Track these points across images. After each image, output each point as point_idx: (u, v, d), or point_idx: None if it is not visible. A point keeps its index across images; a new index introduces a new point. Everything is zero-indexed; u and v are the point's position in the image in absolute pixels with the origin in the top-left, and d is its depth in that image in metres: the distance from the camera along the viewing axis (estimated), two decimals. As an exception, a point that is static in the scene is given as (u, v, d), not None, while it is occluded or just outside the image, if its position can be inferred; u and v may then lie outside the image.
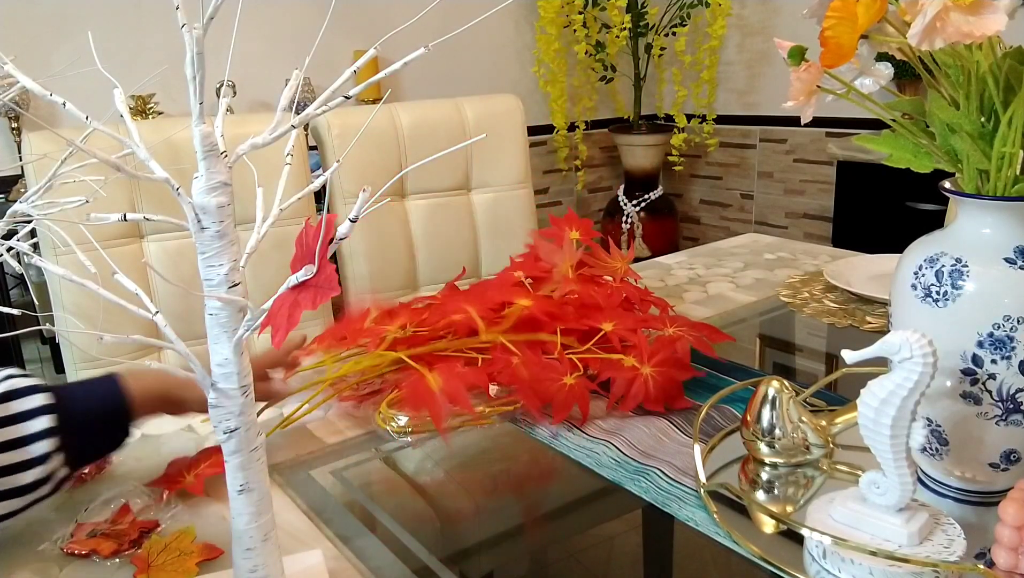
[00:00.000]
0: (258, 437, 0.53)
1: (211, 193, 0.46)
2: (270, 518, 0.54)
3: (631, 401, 0.85)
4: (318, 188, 0.49)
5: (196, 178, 0.46)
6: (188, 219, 0.46)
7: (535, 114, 3.31)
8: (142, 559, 0.64)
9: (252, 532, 0.53)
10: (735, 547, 0.64)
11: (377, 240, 1.49)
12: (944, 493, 0.68)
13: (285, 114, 0.48)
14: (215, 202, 0.46)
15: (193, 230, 0.47)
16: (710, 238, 3.53)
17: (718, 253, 1.55)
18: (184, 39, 0.43)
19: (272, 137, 0.46)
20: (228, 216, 0.47)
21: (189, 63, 0.43)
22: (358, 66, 0.46)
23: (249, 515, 0.53)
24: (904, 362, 0.56)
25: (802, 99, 0.63)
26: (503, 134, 1.60)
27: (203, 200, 0.46)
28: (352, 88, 0.46)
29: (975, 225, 0.63)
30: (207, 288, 0.48)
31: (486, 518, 0.74)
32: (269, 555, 0.54)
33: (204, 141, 0.45)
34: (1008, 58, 0.57)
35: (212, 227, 0.46)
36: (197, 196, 0.46)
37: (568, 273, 1.03)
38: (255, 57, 2.66)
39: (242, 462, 0.52)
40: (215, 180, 0.46)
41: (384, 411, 0.88)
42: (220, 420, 0.51)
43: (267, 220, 0.48)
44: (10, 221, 0.52)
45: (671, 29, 3.22)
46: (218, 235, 0.47)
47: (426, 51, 0.43)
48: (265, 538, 0.54)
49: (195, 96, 0.44)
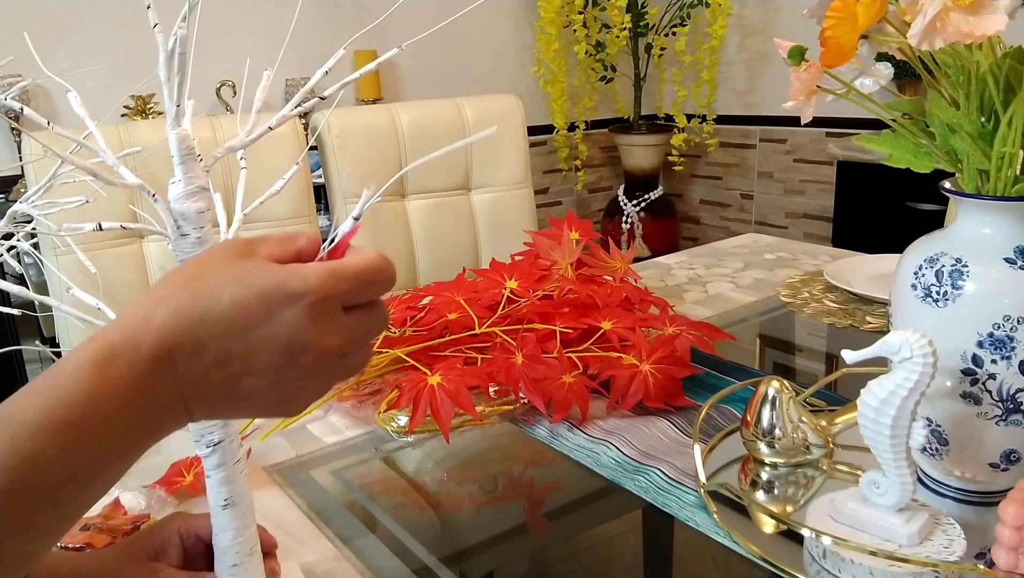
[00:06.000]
0: (240, 448, 0.51)
1: (190, 199, 0.44)
2: (254, 531, 0.52)
3: (631, 399, 0.85)
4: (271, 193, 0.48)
5: (172, 183, 0.44)
6: (167, 225, 0.44)
7: (535, 114, 3.31)
8: None
9: (238, 547, 0.51)
10: (735, 547, 0.64)
11: (377, 240, 1.49)
12: (944, 493, 0.68)
13: (260, 116, 0.46)
14: (194, 208, 0.44)
15: (172, 237, 0.45)
16: (710, 238, 3.52)
17: (718, 253, 1.55)
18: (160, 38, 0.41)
19: (249, 139, 0.45)
20: (208, 221, 0.45)
21: (163, 64, 0.42)
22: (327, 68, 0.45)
23: (234, 530, 0.51)
24: (904, 362, 0.56)
25: (802, 99, 0.63)
26: (503, 134, 1.60)
27: (181, 206, 0.44)
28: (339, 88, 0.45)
29: (975, 225, 0.63)
30: None
31: (486, 518, 0.74)
32: (256, 569, 0.53)
33: (181, 145, 0.44)
34: (1008, 58, 0.57)
35: (192, 233, 0.45)
36: (175, 202, 0.44)
37: (567, 272, 1.03)
38: (255, 57, 2.66)
39: (226, 476, 0.50)
40: (193, 185, 0.44)
41: (383, 411, 0.88)
42: (203, 433, 0.49)
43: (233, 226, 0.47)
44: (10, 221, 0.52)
45: (671, 29, 3.22)
46: (199, 241, 0.45)
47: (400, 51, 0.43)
48: (251, 552, 0.52)
49: (170, 98, 0.42)
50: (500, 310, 0.97)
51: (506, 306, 0.97)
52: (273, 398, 0.40)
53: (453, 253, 1.57)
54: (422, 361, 0.89)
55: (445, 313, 0.96)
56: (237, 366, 0.38)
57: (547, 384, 0.85)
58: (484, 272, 1.04)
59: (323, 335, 0.38)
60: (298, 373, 0.39)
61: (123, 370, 0.36)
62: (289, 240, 0.41)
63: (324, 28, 2.76)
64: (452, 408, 0.81)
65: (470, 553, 0.69)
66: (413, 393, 0.82)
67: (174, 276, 0.39)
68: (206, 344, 0.37)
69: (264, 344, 0.37)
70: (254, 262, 0.39)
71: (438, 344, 0.94)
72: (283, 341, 0.38)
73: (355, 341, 0.41)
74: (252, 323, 0.37)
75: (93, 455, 0.36)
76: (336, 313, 0.39)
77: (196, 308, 0.37)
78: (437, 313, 0.97)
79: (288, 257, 0.40)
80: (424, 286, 1.08)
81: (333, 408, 0.93)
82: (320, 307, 0.38)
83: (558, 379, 0.85)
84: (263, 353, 0.38)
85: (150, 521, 0.68)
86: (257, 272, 0.38)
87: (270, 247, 0.40)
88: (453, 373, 0.84)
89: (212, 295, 0.37)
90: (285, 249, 0.41)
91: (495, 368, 0.87)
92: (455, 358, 0.89)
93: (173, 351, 0.37)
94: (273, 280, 0.37)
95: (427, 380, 0.83)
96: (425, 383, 0.83)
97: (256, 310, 0.37)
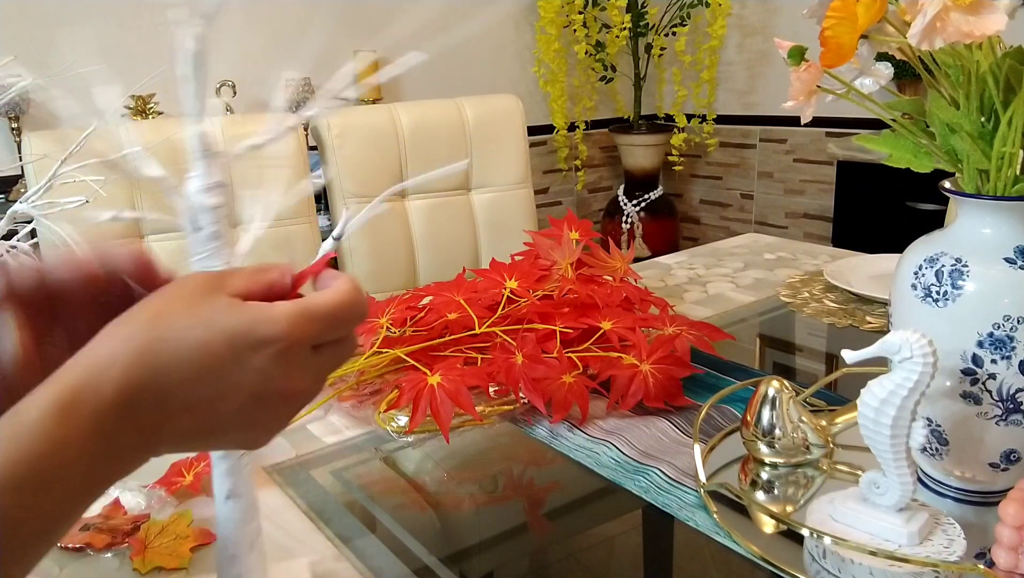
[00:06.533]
0: None
1: (206, 193, 0.46)
2: (256, 526, 0.53)
3: (631, 399, 0.85)
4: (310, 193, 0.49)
5: (191, 178, 0.46)
6: (183, 219, 0.46)
7: (535, 114, 3.31)
8: (139, 541, 0.65)
9: (237, 539, 0.52)
10: (735, 547, 0.64)
11: (377, 240, 1.49)
12: (944, 493, 0.68)
13: (282, 115, 0.47)
14: (210, 203, 0.46)
15: (188, 230, 0.46)
16: (710, 238, 3.52)
17: (718, 253, 1.55)
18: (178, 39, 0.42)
19: (270, 139, 0.46)
20: (223, 217, 0.46)
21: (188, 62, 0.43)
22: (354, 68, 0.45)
23: (235, 522, 0.51)
24: (904, 362, 0.56)
25: (802, 99, 0.63)
26: (503, 134, 1.60)
27: (198, 200, 0.46)
28: (351, 89, 0.46)
29: (975, 225, 0.63)
30: None
31: (486, 518, 0.74)
32: (254, 563, 0.53)
33: (200, 141, 0.45)
34: (1008, 58, 0.57)
35: (207, 228, 0.46)
36: (193, 196, 0.46)
37: (567, 272, 1.03)
38: (255, 57, 2.65)
39: (230, 468, 0.50)
40: (211, 180, 0.46)
41: (383, 411, 0.88)
42: None
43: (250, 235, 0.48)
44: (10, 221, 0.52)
45: (671, 29, 3.22)
46: (213, 236, 0.46)
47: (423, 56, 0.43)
48: (250, 546, 0.52)
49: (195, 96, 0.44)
50: (500, 310, 0.97)
51: (506, 306, 0.97)
52: (238, 438, 0.39)
53: (453, 253, 1.57)
54: (422, 361, 0.89)
55: (445, 313, 0.96)
56: (203, 410, 0.37)
57: (547, 384, 0.85)
58: (484, 272, 1.04)
59: (292, 379, 0.38)
60: (265, 415, 0.38)
61: (86, 416, 0.34)
62: (260, 273, 0.40)
63: (324, 28, 2.76)
64: (452, 408, 0.81)
65: (470, 553, 0.69)
66: (413, 393, 0.82)
67: (139, 312, 0.37)
68: (171, 389, 0.36)
69: (231, 390, 0.37)
70: (222, 301, 0.37)
71: (438, 344, 0.94)
72: (250, 388, 0.37)
73: (323, 378, 0.40)
74: (219, 369, 0.36)
75: (59, 506, 0.34)
76: (305, 355, 0.38)
77: (161, 351, 0.36)
78: (437, 313, 0.97)
79: (259, 291, 0.39)
80: (424, 286, 1.08)
81: (333, 408, 0.93)
82: (289, 352, 0.37)
83: (558, 379, 0.85)
84: (230, 399, 0.37)
85: (150, 521, 0.68)
86: (225, 314, 0.36)
87: (240, 281, 0.39)
88: (453, 373, 0.84)
89: (178, 338, 0.36)
90: (256, 282, 0.39)
91: (495, 368, 0.87)
92: (455, 358, 0.89)
93: (137, 396, 0.35)
94: (242, 324, 0.36)
95: (427, 380, 0.83)
96: (425, 383, 0.83)
97: (223, 356, 0.36)
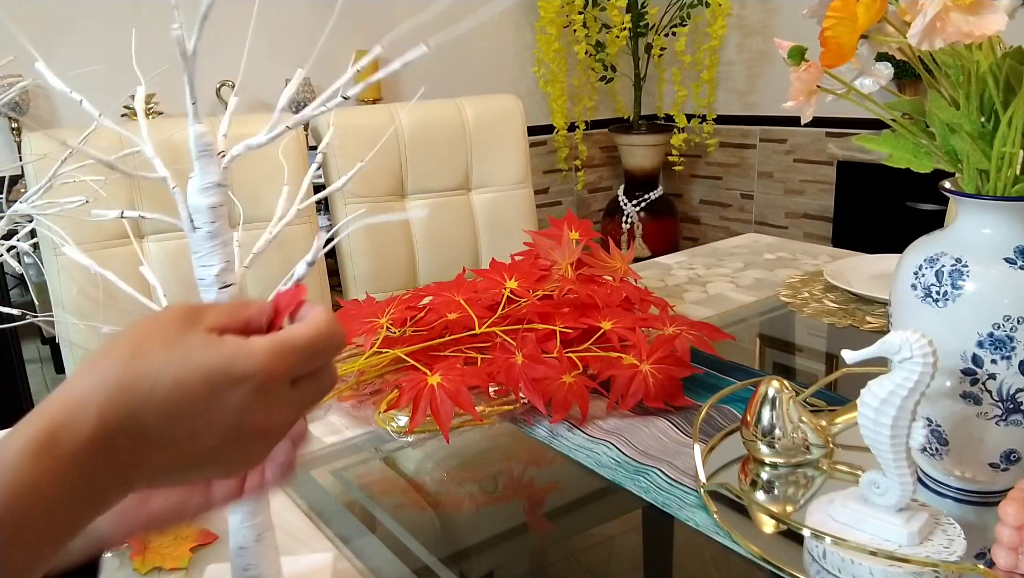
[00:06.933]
0: None
1: (204, 193, 0.46)
2: (265, 519, 0.54)
3: (631, 399, 0.85)
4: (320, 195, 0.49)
5: (191, 177, 0.46)
6: (182, 218, 0.46)
7: (535, 114, 3.31)
8: (139, 541, 0.65)
9: (246, 531, 0.54)
10: (735, 547, 0.64)
11: (377, 240, 1.49)
12: (944, 493, 0.68)
13: (283, 114, 0.48)
14: (207, 202, 0.46)
15: (186, 230, 0.47)
16: (710, 238, 3.52)
17: (718, 253, 1.55)
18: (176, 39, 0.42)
19: (268, 138, 0.46)
20: (221, 217, 0.47)
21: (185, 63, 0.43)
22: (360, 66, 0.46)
23: (243, 514, 0.53)
24: (904, 362, 0.56)
25: (802, 99, 0.63)
26: (503, 134, 1.60)
27: (196, 200, 0.46)
28: (351, 87, 0.46)
29: (975, 225, 0.63)
30: (200, 288, 0.48)
31: (486, 518, 0.74)
32: (263, 555, 0.54)
33: (199, 141, 0.45)
34: (1008, 58, 0.57)
35: (205, 227, 0.47)
36: (191, 196, 0.46)
37: (567, 272, 1.03)
38: (255, 57, 2.65)
39: None
40: (209, 180, 0.46)
41: (383, 411, 0.88)
42: None
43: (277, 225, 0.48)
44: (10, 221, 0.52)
45: (671, 29, 3.22)
46: (210, 235, 0.47)
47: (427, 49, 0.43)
48: (259, 538, 0.54)
49: (190, 95, 0.44)
50: (500, 310, 0.97)
51: (506, 306, 0.97)
52: (215, 470, 0.39)
53: (453, 253, 1.57)
54: (422, 361, 0.89)
55: (445, 313, 0.96)
56: (180, 447, 0.37)
57: (547, 384, 0.85)
58: (484, 272, 1.04)
59: (269, 415, 0.38)
60: (243, 450, 0.38)
61: (63, 455, 0.34)
62: (238, 309, 0.40)
63: (323, 27, 2.76)
64: (452, 408, 0.81)
65: (470, 553, 0.69)
66: (413, 393, 0.82)
67: (116, 347, 0.37)
68: (148, 427, 0.36)
69: (208, 427, 0.37)
70: (199, 337, 0.37)
71: (438, 344, 0.94)
72: (228, 424, 0.37)
73: (302, 411, 0.40)
74: (196, 406, 0.36)
75: (40, 541, 0.34)
76: (283, 389, 0.38)
77: (137, 391, 0.36)
78: (437, 313, 0.97)
79: (236, 327, 0.39)
80: (424, 286, 1.08)
81: (333, 408, 0.93)
82: (267, 387, 0.37)
83: (558, 379, 0.85)
84: (207, 436, 0.37)
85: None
86: (202, 350, 0.37)
87: (217, 316, 0.39)
88: (453, 373, 0.84)
89: (155, 376, 0.36)
90: (233, 318, 0.39)
91: (495, 368, 0.87)
92: (455, 358, 0.89)
93: (113, 436, 0.35)
94: (219, 360, 0.36)
95: (427, 380, 0.83)
96: (425, 383, 0.83)
97: (200, 393, 0.36)
